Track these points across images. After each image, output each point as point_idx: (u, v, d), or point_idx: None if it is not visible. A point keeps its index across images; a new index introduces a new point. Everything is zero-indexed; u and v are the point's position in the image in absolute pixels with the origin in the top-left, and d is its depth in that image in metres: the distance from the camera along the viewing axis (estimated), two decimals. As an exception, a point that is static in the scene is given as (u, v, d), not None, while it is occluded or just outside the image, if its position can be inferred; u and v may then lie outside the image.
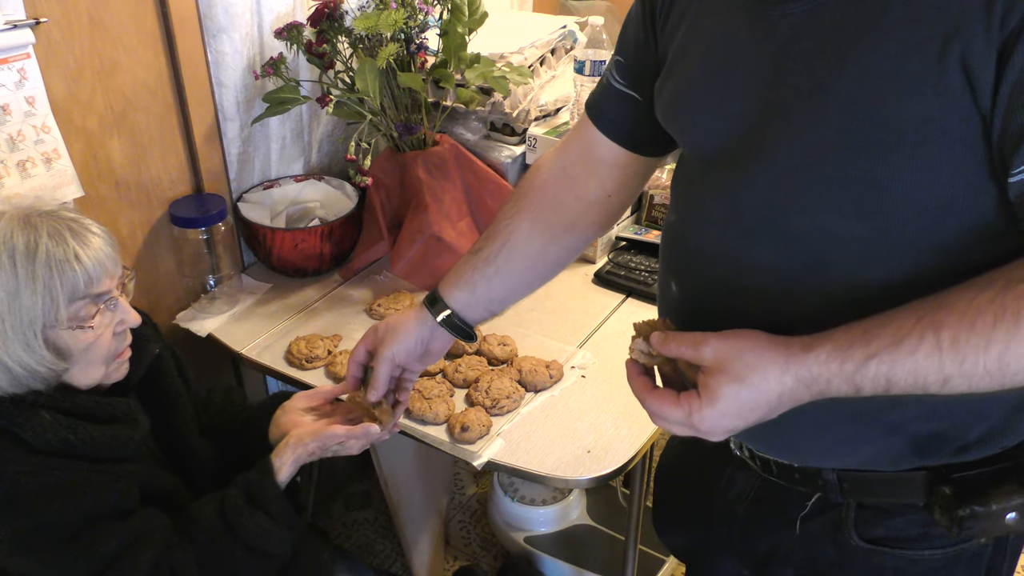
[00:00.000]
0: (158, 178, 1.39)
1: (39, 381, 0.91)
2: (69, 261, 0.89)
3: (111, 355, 0.97)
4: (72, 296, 0.90)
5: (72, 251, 0.89)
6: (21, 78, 1.15)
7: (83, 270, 0.90)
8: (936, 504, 0.77)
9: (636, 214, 1.69)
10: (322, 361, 1.32)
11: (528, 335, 1.39)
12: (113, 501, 0.93)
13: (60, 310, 0.89)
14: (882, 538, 0.82)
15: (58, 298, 0.89)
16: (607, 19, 2.23)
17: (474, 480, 2.09)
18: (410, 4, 1.37)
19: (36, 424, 0.89)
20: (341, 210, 1.54)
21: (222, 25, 1.36)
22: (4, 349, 0.88)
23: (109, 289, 0.95)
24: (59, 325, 0.90)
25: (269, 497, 1.02)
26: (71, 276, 0.89)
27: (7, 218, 0.89)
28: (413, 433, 1.20)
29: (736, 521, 0.95)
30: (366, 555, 1.89)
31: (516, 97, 1.52)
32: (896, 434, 0.76)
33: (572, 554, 1.73)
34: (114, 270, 0.95)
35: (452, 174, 1.50)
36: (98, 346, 0.94)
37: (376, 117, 1.44)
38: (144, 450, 1.03)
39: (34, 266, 0.87)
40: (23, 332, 0.88)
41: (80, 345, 0.93)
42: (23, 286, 0.87)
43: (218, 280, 1.45)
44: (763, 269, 0.73)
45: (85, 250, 0.90)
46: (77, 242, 0.90)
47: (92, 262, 0.91)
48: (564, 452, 1.15)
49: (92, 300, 0.92)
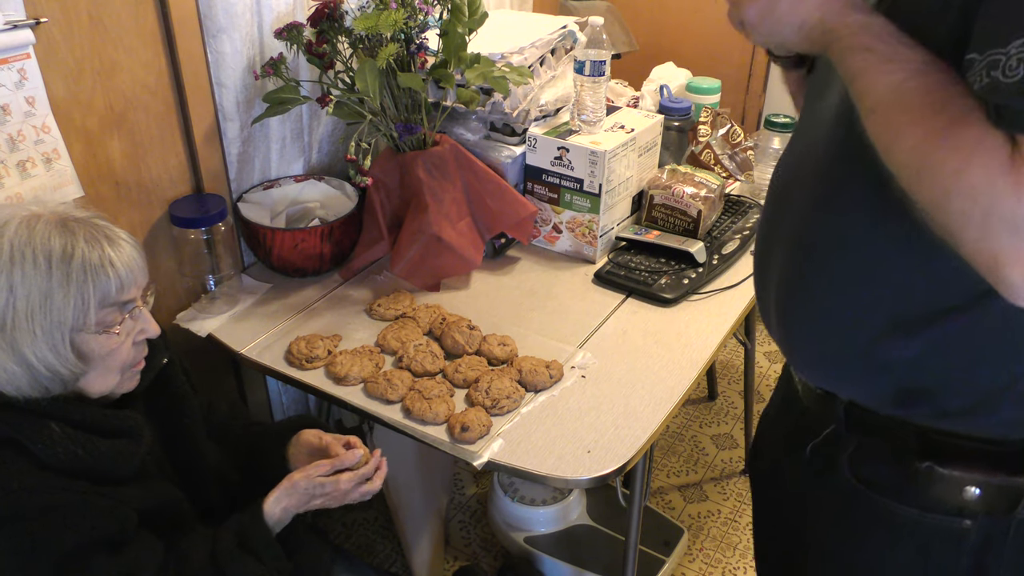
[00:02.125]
0: (158, 178, 1.39)
1: (58, 383, 0.91)
2: (104, 266, 0.91)
3: (128, 364, 0.99)
4: (103, 302, 0.92)
5: (108, 256, 0.91)
6: (21, 78, 1.15)
7: (116, 276, 0.92)
8: (904, 450, 0.84)
9: (636, 214, 1.69)
10: (322, 361, 1.32)
11: (528, 335, 1.39)
12: (112, 529, 0.92)
13: (90, 314, 0.91)
14: (868, 479, 0.89)
15: (89, 302, 0.90)
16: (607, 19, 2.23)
17: (474, 480, 2.09)
18: (410, 4, 1.37)
19: (45, 436, 0.90)
20: (341, 210, 1.54)
21: (222, 25, 1.36)
22: (32, 348, 0.88)
23: (135, 298, 0.96)
24: (87, 329, 0.91)
25: (260, 542, 1.03)
26: (104, 281, 0.91)
27: (43, 221, 0.90)
28: (413, 433, 1.20)
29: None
30: (366, 555, 1.89)
31: (516, 97, 1.52)
32: (885, 374, 0.81)
33: (572, 554, 1.73)
34: (142, 280, 0.97)
35: (452, 174, 1.50)
36: (118, 353, 0.96)
37: (376, 117, 1.44)
38: (148, 459, 1.03)
39: (69, 269, 0.89)
40: (51, 333, 0.89)
41: (103, 351, 0.94)
42: (56, 288, 0.88)
43: (218, 280, 1.45)
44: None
45: (119, 256, 0.92)
46: (112, 249, 0.92)
47: (125, 269, 0.93)
48: (564, 452, 1.15)
49: (119, 307, 0.94)
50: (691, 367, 1.30)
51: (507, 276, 1.57)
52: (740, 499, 2.08)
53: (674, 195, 1.61)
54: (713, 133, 1.84)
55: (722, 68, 2.33)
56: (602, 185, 1.51)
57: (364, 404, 1.24)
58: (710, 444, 2.26)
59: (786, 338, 0.92)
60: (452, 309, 1.45)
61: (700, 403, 2.41)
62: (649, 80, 1.90)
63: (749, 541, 1.97)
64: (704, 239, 1.61)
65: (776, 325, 0.93)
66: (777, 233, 0.90)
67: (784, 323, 0.91)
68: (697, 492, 2.11)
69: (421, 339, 1.36)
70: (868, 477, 0.89)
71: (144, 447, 0.99)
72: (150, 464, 1.04)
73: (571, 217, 1.58)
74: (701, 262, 1.52)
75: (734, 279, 1.52)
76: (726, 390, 2.46)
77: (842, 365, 0.86)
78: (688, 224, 1.61)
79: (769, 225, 0.94)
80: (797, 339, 0.91)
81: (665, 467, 2.18)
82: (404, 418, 1.21)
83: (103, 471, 0.93)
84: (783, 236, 0.89)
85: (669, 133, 1.80)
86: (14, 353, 0.88)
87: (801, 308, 0.87)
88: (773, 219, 0.93)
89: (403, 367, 1.30)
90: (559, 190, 1.57)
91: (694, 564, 1.91)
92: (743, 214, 1.70)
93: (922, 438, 0.83)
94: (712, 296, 1.48)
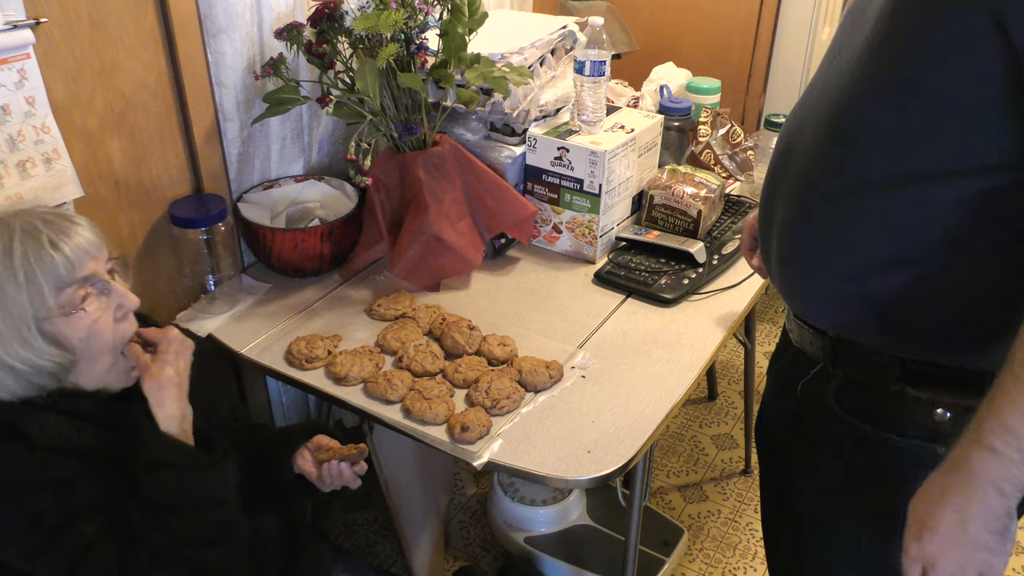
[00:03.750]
0: (158, 178, 1.39)
1: (46, 377, 0.91)
2: (45, 248, 0.89)
3: (118, 343, 0.97)
4: (57, 283, 0.90)
5: (46, 238, 0.90)
6: (21, 78, 1.15)
7: (61, 256, 0.90)
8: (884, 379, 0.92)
9: (636, 214, 1.69)
10: (322, 361, 1.32)
11: (528, 335, 1.39)
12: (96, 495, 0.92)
13: (48, 299, 0.89)
14: (853, 408, 0.97)
15: (42, 287, 0.89)
16: (607, 19, 2.23)
17: (474, 480, 2.09)
18: (410, 4, 1.37)
19: (43, 420, 0.90)
20: (341, 210, 1.54)
21: (222, 25, 1.36)
22: (3, 349, 0.88)
23: (95, 272, 0.94)
24: (51, 314, 0.90)
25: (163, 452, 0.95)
26: (49, 263, 0.89)
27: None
28: (413, 433, 1.20)
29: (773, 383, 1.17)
30: (366, 555, 1.89)
31: (516, 97, 1.52)
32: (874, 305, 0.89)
33: (572, 554, 1.73)
34: (98, 253, 0.95)
35: (452, 174, 1.50)
36: (99, 333, 0.94)
37: (376, 117, 1.44)
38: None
39: (12, 261, 0.88)
40: (16, 328, 0.88)
41: (79, 333, 0.92)
42: (6, 283, 0.88)
43: (218, 280, 1.45)
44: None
45: (60, 237, 0.91)
46: (50, 230, 0.91)
47: (70, 247, 0.91)
48: (564, 452, 1.15)
49: (80, 284, 0.92)
50: (691, 367, 1.30)
51: (507, 276, 1.57)
52: (740, 499, 2.08)
53: (674, 195, 1.61)
54: (713, 133, 1.84)
55: (722, 68, 2.33)
56: (602, 185, 1.51)
57: (364, 404, 1.24)
58: (710, 444, 2.26)
59: (785, 278, 0.99)
60: (452, 309, 1.45)
61: (700, 403, 2.41)
62: (649, 80, 1.90)
63: (749, 541, 1.97)
64: (704, 239, 1.61)
65: (776, 266, 1.00)
66: (786, 174, 0.96)
67: (784, 262, 0.98)
68: (697, 492, 2.11)
69: (421, 339, 1.36)
70: (851, 407, 0.97)
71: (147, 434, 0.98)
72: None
73: (571, 217, 1.58)
74: (701, 262, 1.52)
75: (734, 279, 1.52)
76: (726, 390, 2.46)
77: (835, 298, 0.92)
78: (688, 224, 1.61)
79: (778, 169, 0.99)
80: (795, 277, 0.97)
81: (665, 467, 2.18)
82: (404, 418, 1.21)
83: (99, 458, 0.93)
84: (790, 177, 0.94)
85: (669, 133, 1.80)
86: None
87: (801, 246, 0.94)
88: (782, 162, 0.98)
89: (403, 367, 1.30)
90: (559, 190, 1.57)
91: (694, 564, 1.91)
92: (743, 214, 1.70)
93: (902, 367, 0.91)
94: (712, 296, 1.48)
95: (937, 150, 0.80)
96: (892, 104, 0.81)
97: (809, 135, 0.92)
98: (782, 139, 1.00)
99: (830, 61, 0.94)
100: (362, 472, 1.15)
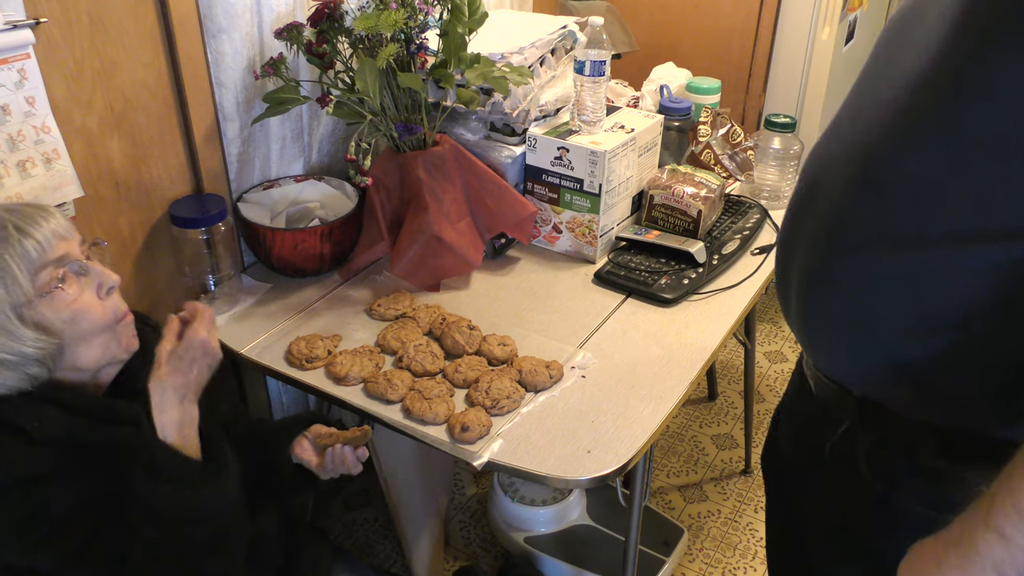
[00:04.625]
0: (158, 178, 1.39)
1: (36, 366, 0.91)
2: (11, 233, 0.90)
3: (109, 321, 0.96)
4: (29, 266, 0.90)
5: (12, 225, 0.90)
6: (21, 78, 1.15)
7: (31, 238, 0.90)
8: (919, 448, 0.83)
9: (636, 214, 1.69)
10: (322, 361, 1.32)
11: (528, 335, 1.39)
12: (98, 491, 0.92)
13: (22, 283, 0.89)
14: (884, 475, 0.88)
15: (15, 273, 0.89)
16: (607, 19, 2.23)
17: (474, 480, 2.09)
18: (410, 4, 1.37)
19: (41, 416, 0.90)
20: (341, 210, 1.54)
21: (222, 25, 1.36)
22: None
23: (68, 252, 0.94)
24: (30, 298, 0.90)
25: (164, 461, 0.92)
26: (19, 248, 0.89)
27: None
28: (413, 433, 1.20)
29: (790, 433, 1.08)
30: (366, 555, 1.89)
31: (516, 97, 1.52)
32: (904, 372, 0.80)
33: (572, 554, 1.73)
34: (68, 235, 0.95)
35: (452, 174, 1.50)
36: (85, 313, 0.94)
37: (376, 117, 1.44)
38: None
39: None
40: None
41: (61, 315, 0.92)
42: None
43: (218, 280, 1.45)
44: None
45: (26, 222, 0.91)
46: (15, 216, 0.91)
47: (37, 229, 0.91)
48: (564, 452, 1.15)
49: (54, 265, 0.92)
50: (691, 367, 1.30)
51: (507, 276, 1.57)
52: (740, 499, 2.08)
53: (674, 195, 1.61)
54: (713, 133, 1.84)
55: (722, 68, 2.33)
56: (602, 185, 1.51)
57: (364, 404, 1.24)
58: (710, 444, 2.26)
59: (805, 327, 0.90)
60: (452, 309, 1.45)
61: (700, 403, 2.41)
62: (649, 80, 1.90)
63: (749, 541, 1.97)
64: (704, 239, 1.61)
65: (796, 312, 0.91)
66: (809, 212, 0.87)
67: (805, 311, 0.89)
68: (697, 492, 2.11)
69: (421, 339, 1.36)
70: (884, 473, 0.88)
71: (145, 435, 0.98)
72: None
73: (571, 217, 1.58)
74: (701, 262, 1.52)
75: (734, 279, 1.52)
76: (726, 390, 2.46)
77: (861, 359, 0.84)
78: (688, 224, 1.61)
79: (801, 203, 0.90)
80: (817, 330, 0.88)
81: (665, 467, 2.18)
82: (404, 418, 1.21)
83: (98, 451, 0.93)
84: (814, 216, 0.86)
85: (669, 133, 1.80)
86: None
87: (824, 297, 0.85)
88: (806, 196, 0.89)
89: (403, 367, 1.30)
90: (559, 190, 1.57)
91: (694, 564, 1.91)
92: (743, 214, 1.70)
93: (939, 437, 0.82)
94: (712, 296, 1.48)
95: (988, 208, 0.70)
96: (937, 154, 0.72)
97: (837, 174, 0.83)
98: (807, 170, 0.90)
99: (863, 90, 0.84)
100: (363, 458, 1.13)
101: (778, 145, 1.74)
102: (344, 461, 1.13)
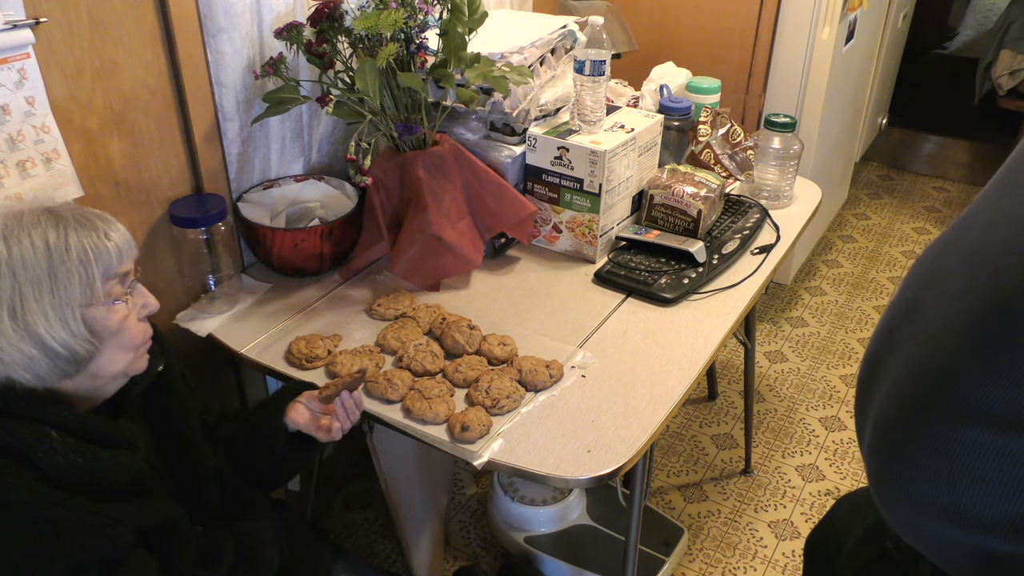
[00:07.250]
0: (158, 178, 1.39)
1: (74, 365, 0.93)
2: (101, 239, 0.93)
3: (139, 342, 0.99)
4: (106, 273, 0.93)
5: (102, 230, 0.94)
6: (21, 78, 1.15)
7: (114, 247, 0.94)
8: None
9: (636, 214, 1.69)
10: (322, 361, 1.32)
11: (528, 335, 1.39)
12: (105, 549, 0.91)
13: (96, 286, 0.92)
14: None
15: (94, 274, 0.92)
16: (607, 19, 2.23)
17: (474, 480, 2.09)
18: (410, 4, 1.37)
19: (46, 445, 0.89)
20: (341, 210, 1.54)
21: (222, 25, 1.36)
22: (46, 328, 0.89)
23: (131, 270, 0.99)
24: (96, 302, 0.93)
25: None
26: (104, 252, 0.93)
27: (28, 211, 0.92)
28: (413, 433, 1.20)
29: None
30: (366, 555, 1.89)
31: (516, 97, 1.52)
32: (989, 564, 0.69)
33: (572, 554, 1.73)
34: (134, 252, 0.99)
35: (452, 174, 1.50)
36: (127, 329, 0.97)
37: (376, 117, 1.44)
38: (145, 471, 1.02)
39: (67, 245, 0.91)
40: (62, 311, 0.90)
41: (113, 326, 0.95)
42: (59, 266, 0.90)
43: (218, 280, 1.45)
44: None
45: (111, 229, 0.95)
46: (102, 223, 0.95)
47: (119, 237, 0.95)
48: (564, 452, 1.15)
49: (120, 280, 0.96)
50: (691, 367, 1.30)
51: (507, 276, 1.57)
52: (740, 499, 2.08)
53: (674, 195, 1.61)
54: (713, 133, 1.84)
55: (722, 68, 2.33)
56: (602, 185, 1.51)
57: (364, 404, 1.24)
58: (710, 444, 2.26)
59: (880, 479, 0.75)
60: (452, 309, 1.45)
61: (700, 403, 2.41)
62: (649, 80, 1.90)
63: (749, 541, 1.97)
64: (704, 239, 1.61)
65: (869, 454, 0.77)
66: (906, 337, 0.72)
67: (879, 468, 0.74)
68: (697, 492, 2.11)
69: (421, 339, 1.36)
70: None
71: (139, 457, 0.98)
72: (147, 477, 1.02)
73: (571, 217, 1.58)
74: (701, 262, 1.52)
75: (734, 279, 1.52)
76: (726, 390, 2.46)
77: (943, 539, 0.71)
78: (688, 224, 1.61)
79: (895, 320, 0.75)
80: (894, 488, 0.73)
81: (665, 467, 2.18)
82: (404, 418, 1.21)
83: (101, 483, 0.93)
84: (911, 343, 0.71)
85: (669, 133, 1.80)
86: (30, 337, 0.89)
87: (906, 456, 0.70)
88: (903, 316, 0.74)
89: (403, 367, 1.30)
90: (559, 190, 1.57)
91: (694, 564, 1.91)
92: (743, 214, 1.70)
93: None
94: (712, 296, 1.48)
95: None
96: None
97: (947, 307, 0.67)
98: (911, 284, 0.74)
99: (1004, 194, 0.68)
100: (360, 406, 1.19)
101: (778, 145, 1.74)
102: (355, 410, 1.18)
